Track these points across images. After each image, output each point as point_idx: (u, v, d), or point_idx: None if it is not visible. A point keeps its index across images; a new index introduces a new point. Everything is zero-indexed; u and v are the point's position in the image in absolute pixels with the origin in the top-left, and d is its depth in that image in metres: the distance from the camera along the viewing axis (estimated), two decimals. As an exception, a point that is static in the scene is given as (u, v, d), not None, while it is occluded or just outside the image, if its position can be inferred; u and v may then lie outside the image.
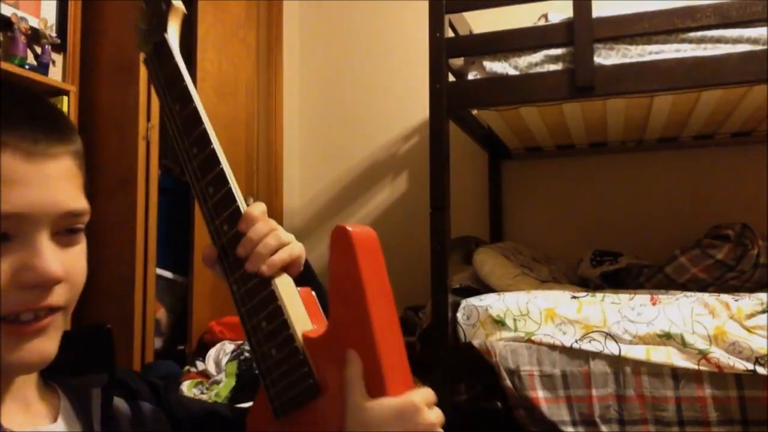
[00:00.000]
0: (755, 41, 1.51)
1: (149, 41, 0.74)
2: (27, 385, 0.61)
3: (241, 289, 0.68)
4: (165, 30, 0.73)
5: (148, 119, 1.90)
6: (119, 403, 0.68)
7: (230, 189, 0.69)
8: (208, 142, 0.69)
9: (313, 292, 0.72)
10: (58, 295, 0.55)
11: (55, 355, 0.57)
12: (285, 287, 0.68)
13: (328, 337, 0.65)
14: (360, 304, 0.62)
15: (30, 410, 0.60)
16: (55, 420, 0.61)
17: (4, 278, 0.52)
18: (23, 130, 0.53)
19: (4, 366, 0.54)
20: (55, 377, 0.64)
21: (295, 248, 0.69)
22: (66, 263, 0.56)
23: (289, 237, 0.69)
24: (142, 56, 0.77)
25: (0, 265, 0.52)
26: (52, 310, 0.55)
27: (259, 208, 0.68)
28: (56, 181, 0.55)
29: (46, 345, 0.56)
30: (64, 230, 0.56)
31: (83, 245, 0.59)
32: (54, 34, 1.81)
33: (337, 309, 0.65)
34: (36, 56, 1.78)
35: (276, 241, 0.67)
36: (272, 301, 0.67)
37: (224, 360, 1.87)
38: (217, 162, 0.69)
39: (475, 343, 1.63)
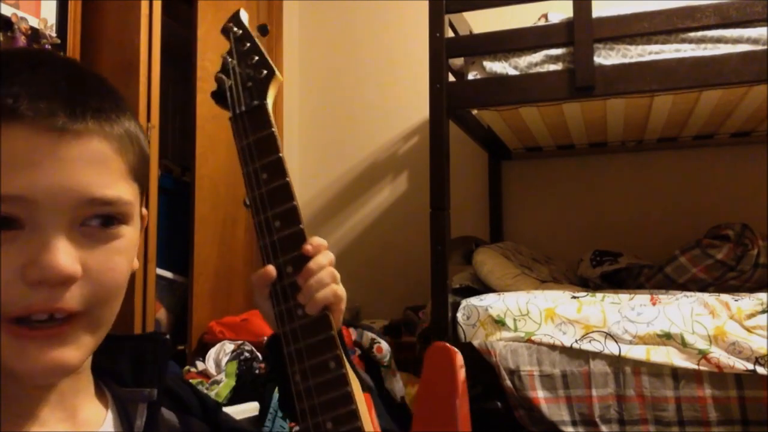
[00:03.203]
0: (755, 41, 1.51)
1: (241, 102, 0.72)
2: (76, 393, 0.56)
3: (309, 382, 0.65)
4: (264, 97, 0.72)
5: (148, 119, 1.90)
6: (169, 416, 0.64)
7: (304, 239, 0.68)
8: (297, 220, 0.68)
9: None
10: (73, 297, 0.48)
11: (80, 365, 0.51)
12: (357, 390, 0.67)
13: None
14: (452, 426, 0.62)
15: (76, 419, 0.56)
16: None
17: (10, 270, 0.46)
18: (40, 101, 0.46)
19: (7, 374, 0.48)
20: (109, 384, 0.61)
21: (341, 289, 0.69)
22: (89, 260, 0.49)
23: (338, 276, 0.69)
24: (228, 114, 0.73)
25: (2, 256, 0.46)
26: (72, 315, 0.49)
27: (323, 241, 0.69)
28: (77, 164, 0.48)
29: (65, 354, 0.49)
30: (95, 222, 0.50)
31: (122, 241, 0.52)
32: (54, 34, 1.81)
33: (424, 421, 0.65)
34: (36, 56, 1.78)
35: (330, 278, 0.67)
36: (347, 403, 0.64)
37: (224, 360, 1.87)
38: (303, 240, 0.68)
39: (475, 343, 1.63)
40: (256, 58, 0.74)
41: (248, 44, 0.75)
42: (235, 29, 0.76)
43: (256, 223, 0.69)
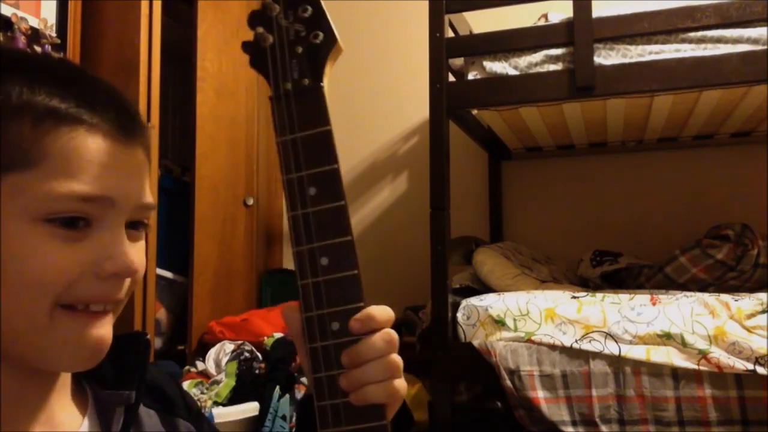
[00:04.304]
0: (755, 41, 1.51)
1: (287, 75, 0.53)
2: (54, 395, 0.57)
3: None
4: (321, 76, 0.53)
5: (148, 119, 1.90)
6: (150, 417, 0.63)
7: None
8: (351, 262, 0.53)
9: None
10: (123, 289, 0.54)
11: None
12: None
13: None
14: None
15: (54, 422, 0.56)
16: None
17: (81, 264, 0.50)
18: (110, 115, 0.52)
19: (63, 358, 0.52)
20: (92, 385, 0.61)
21: (400, 385, 0.55)
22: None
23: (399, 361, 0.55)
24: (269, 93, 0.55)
25: (79, 250, 0.50)
26: (115, 302, 0.54)
27: (387, 313, 0.54)
28: (136, 171, 0.54)
29: (107, 332, 0.53)
30: (132, 224, 0.54)
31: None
32: (54, 34, 1.81)
33: None
34: (36, 56, 1.78)
35: (384, 372, 0.53)
36: None
37: (224, 360, 1.87)
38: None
39: (475, 343, 1.63)
40: (310, 9, 0.53)
41: None
42: None
43: (295, 254, 0.53)
